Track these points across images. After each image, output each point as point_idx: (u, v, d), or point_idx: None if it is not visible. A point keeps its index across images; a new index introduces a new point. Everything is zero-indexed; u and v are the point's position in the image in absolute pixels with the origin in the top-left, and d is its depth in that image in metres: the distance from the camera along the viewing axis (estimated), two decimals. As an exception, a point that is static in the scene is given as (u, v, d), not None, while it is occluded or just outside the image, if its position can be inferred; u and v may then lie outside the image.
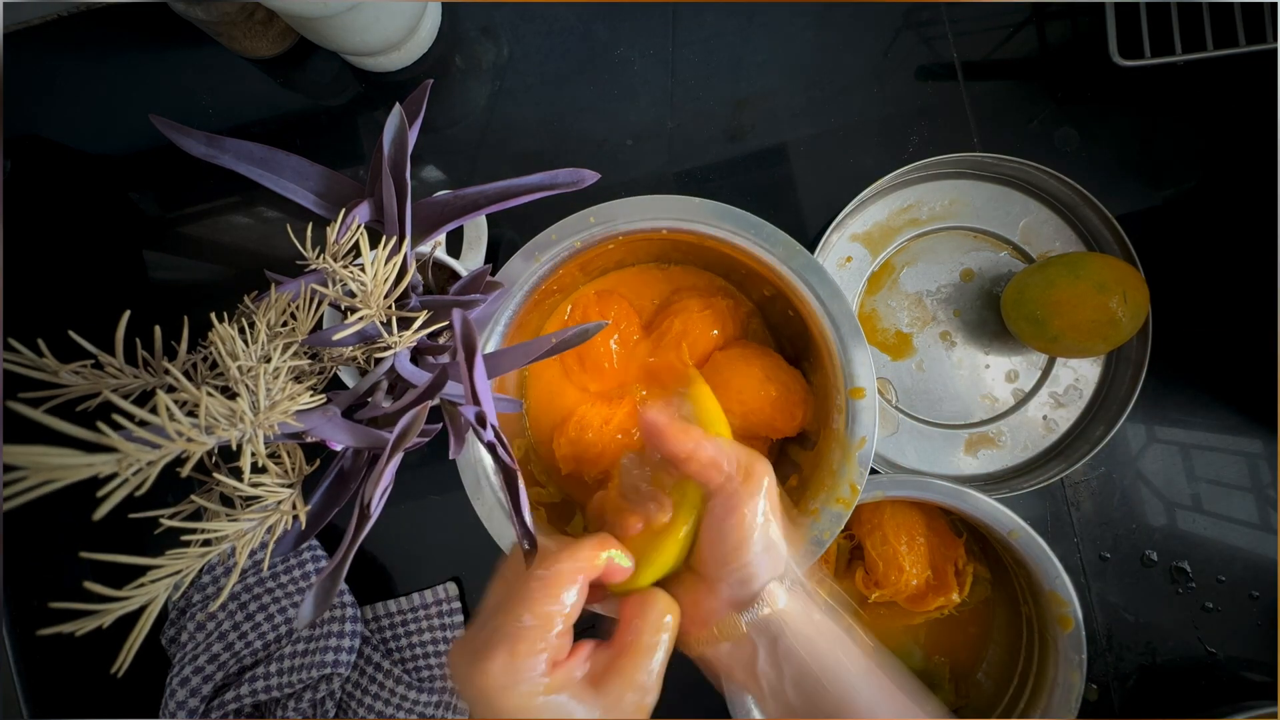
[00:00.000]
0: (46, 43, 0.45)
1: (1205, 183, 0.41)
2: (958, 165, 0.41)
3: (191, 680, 0.39)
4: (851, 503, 0.32)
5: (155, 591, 0.22)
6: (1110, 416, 0.40)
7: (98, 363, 0.24)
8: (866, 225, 0.43)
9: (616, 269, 0.41)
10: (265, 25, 0.41)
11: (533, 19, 0.44)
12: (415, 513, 0.43)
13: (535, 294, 0.35)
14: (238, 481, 0.23)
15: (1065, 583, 0.36)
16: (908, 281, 0.42)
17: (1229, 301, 0.39)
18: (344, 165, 0.44)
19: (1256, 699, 0.39)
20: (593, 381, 0.39)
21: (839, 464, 0.32)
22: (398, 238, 0.28)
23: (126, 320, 0.23)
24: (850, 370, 0.32)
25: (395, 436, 0.26)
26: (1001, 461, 0.42)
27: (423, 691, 0.40)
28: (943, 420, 0.42)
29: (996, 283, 0.42)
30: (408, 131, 0.28)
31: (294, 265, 0.28)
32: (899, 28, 0.43)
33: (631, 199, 0.33)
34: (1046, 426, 0.42)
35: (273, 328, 0.26)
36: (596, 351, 0.38)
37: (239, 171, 0.29)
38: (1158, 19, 0.39)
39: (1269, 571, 0.40)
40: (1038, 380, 0.42)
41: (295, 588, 0.41)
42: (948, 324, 0.42)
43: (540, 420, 0.40)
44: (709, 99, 0.43)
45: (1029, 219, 0.42)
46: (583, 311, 0.39)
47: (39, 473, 0.18)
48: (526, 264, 0.33)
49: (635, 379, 0.39)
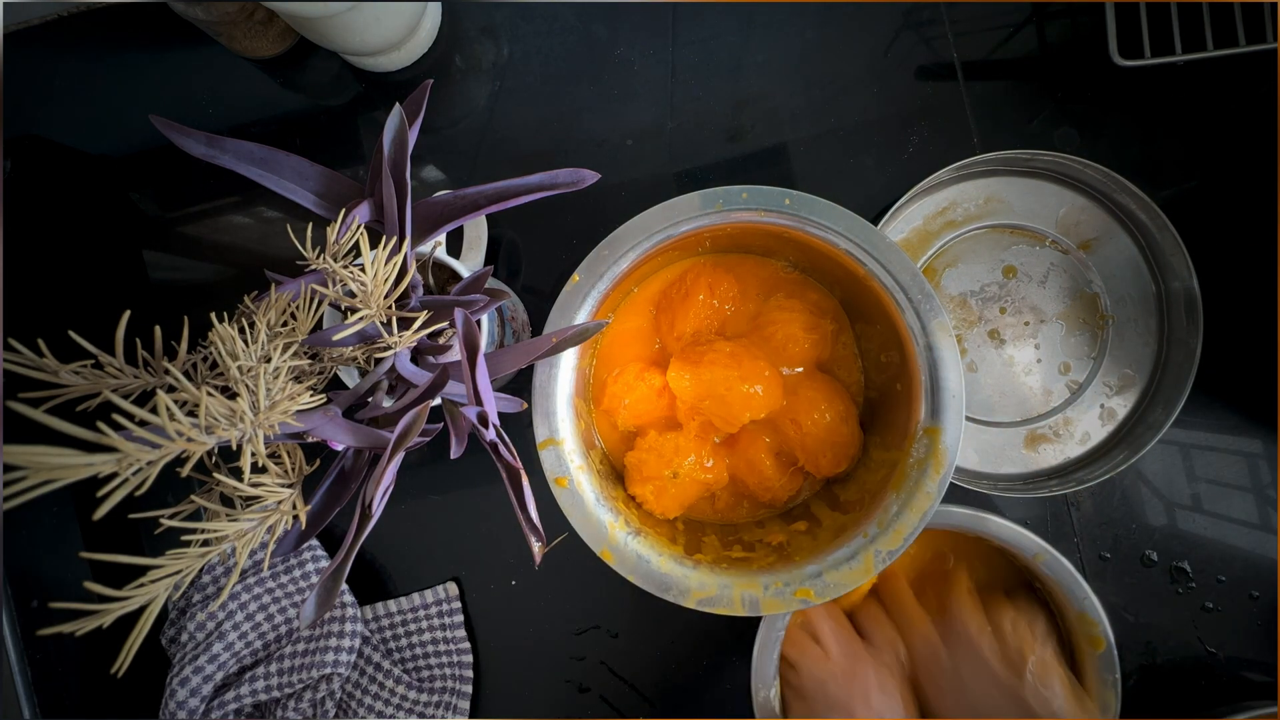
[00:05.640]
0: (46, 43, 0.45)
1: (1205, 183, 0.41)
2: (989, 164, 0.41)
3: (191, 680, 0.39)
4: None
5: (155, 591, 0.22)
6: (1169, 399, 0.39)
7: (98, 363, 0.24)
8: (904, 231, 0.42)
9: (738, 250, 0.40)
10: (265, 25, 0.41)
11: (533, 19, 0.44)
12: (415, 513, 0.43)
13: (664, 245, 0.35)
14: (238, 481, 0.23)
15: (1095, 603, 0.36)
16: (950, 284, 0.42)
17: (1229, 301, 0.39)
18: (344, 165, 0.44)
19: (1256, 699, 0.39)
20: (677, 326, 0.39)
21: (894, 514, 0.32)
22: (398, 238, 0.28)
23: (126, 320, 0.23)
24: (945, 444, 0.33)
25: (396, 436, 0.26)
26: (1064, 454, 0.42)
27: (423, 691, 0.40)
28: (1000, 419, 0.42)
29: (1040, 277, 0.42)
30: (408, 131, 0.28)
31: (294, 265, 0.28)
32: (899, 28, 0.43)
33: (826, 202, 0.33)
34: (1105, 415, 0.42)
35: (273, 328, 0.26)
36: (696, 305, 0.38)
37: (239, 171, 0.29)
38: (1158, 19, 0.39)
39: (1269, 571, 0.40)
40: (1091, 370, 0.42)
41: (295, 588, 0.41)
42: (995, 322, 0.42)
43: (606, 356, 0.40)
44: (709, 99, 0.43)
45: (1066, 210, 0.42)
46: (695, 276, 0.39)
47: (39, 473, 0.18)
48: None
49: (713, 359, 0.38)
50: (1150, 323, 0.41)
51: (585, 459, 0.35)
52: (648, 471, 0.36)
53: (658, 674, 0.42)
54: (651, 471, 0.36)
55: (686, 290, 0.38)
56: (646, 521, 0.36)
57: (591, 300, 0.34)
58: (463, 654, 0.41)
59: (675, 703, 0.42)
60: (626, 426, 0.38)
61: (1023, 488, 0.40)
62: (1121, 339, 0.42)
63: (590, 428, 0.38)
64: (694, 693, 0.42)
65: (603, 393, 0.38)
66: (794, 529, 0.37)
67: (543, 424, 0.34)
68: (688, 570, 0.33)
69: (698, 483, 0.37)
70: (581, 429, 0.36)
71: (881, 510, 0.33)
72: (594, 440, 0.38)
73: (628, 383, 0.37)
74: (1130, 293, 0.42)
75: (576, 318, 0.34)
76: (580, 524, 0.33)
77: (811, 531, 0.36)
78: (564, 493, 0.33)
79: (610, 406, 0.38)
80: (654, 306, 0.40)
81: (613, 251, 0.34)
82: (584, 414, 0.37)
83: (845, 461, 0.37)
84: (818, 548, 0.33)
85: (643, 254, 0.34)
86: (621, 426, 0.38)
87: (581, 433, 0.35)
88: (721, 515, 0.39)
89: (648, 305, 0.40)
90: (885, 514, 0.32)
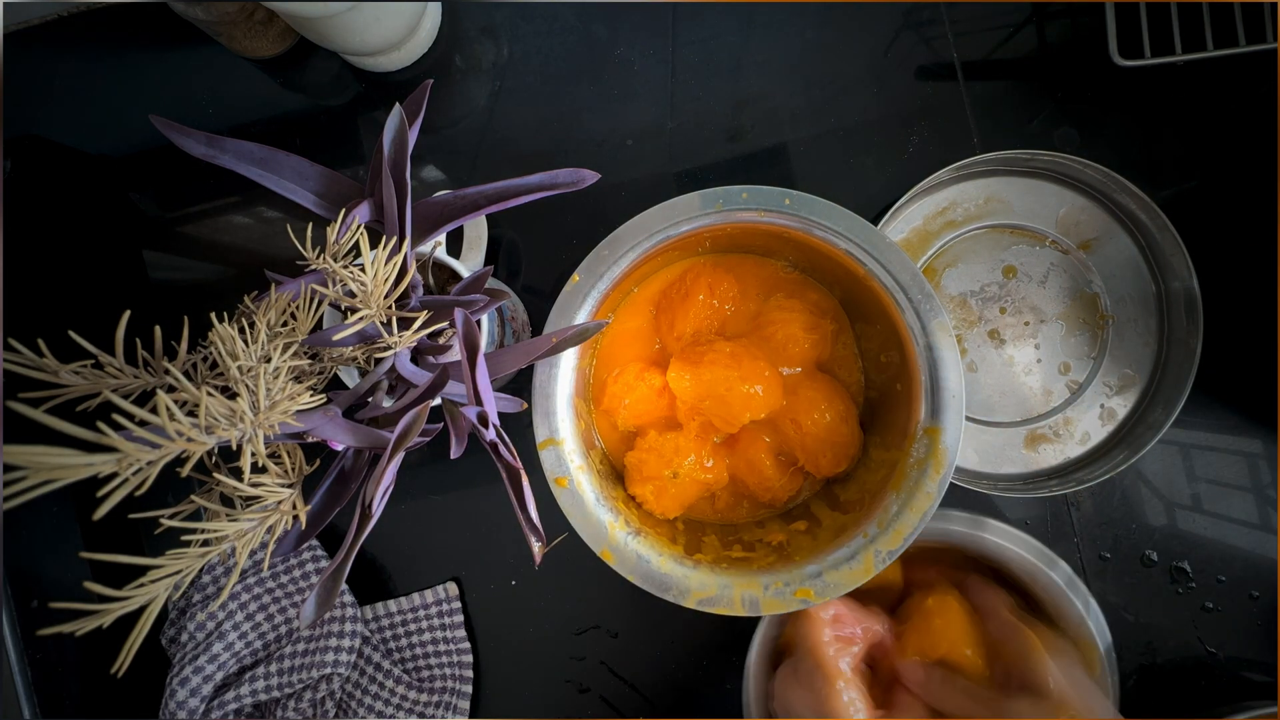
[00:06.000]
0: (46, 43, 0.45)
1: (1205, 183, 0.41)
2: (989, 164, 0.41)
3: (191, 680, 0.39)
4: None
5: (155, 591, 0.22)
6: (1169, 399, 0.39)
7: (98, 363, 0.24)
8: (904, 231, 0.42)
9: (738, 250, 0.40)
10: (265, 25, 0.41)
11: (533, 19, 0.44)
12: (415, 513, 0.43)
13: (664, 245, 0.35)
14: (238, 481, 0.23)
15: (1090, 628, 0.36)
16: (950, 283, 0.42)
17: (1229, 301, 0.39)
18: (344, 165, 0.44)
19: (1256, 699, 0.39)
20: (676, 326, 0.39)
21: (894, 515, 0.33)
22: (398, 238, 0.28)
23: (126, 320, 0.23)
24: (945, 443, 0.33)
25: (396, 436, 0.26)
26: (1064, 454, 0.42)
27: (423, 691, 0.40)
28: (1000, 419, 0.42)
29: (1040, 277, 0.42)
30: (408, 131, 0.28)
31: (294, 265, 0.28)
32: (899, 28, 0.43)
33: (826, 201, 0.33)
34: (1105, 415, 0.42)
35: (273, 328, 0.26)
36: (696, 305, 0.38)
37: (239, 171, 0.29)
38: (1158, 19, 0.39)
39: (1269, 571, 0.40)
40: (1091, 370, 0.42)
41: (295, 588, 0.41)
42: (995, 322, 0.42)
43: (606, 356, 0.40)
44: (709, 99, 0.43)
45: (1066, 210, 0.42)
46: (695, 276, 0.39)
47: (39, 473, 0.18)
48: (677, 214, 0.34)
49: (713, 359, 0.37)
50: (1150, 323, 0.41)
51: (585, 459, 0.35)
52: (648, 471, 0.36)
53: (658, 674, 0.42)
54: (651, 471, 0.36)
55: (686, 290, 0.38)
56: (646, 521, 0.36)
57: (591, 300, 0.34)
58: (463, 654, 0.41)
59: (675, 703, 0.42)
60: (626, 426, 0.38)
61: (1023, 488, 0.40)
62: (1121, 339, 0.42)
63: (590, 428, 0.38)
64: (694, 693, 0.42)
65: (603, 393, 0.38)
66: (794, 529, 0.37)
67: (543, 424, 0.34)
68: (688, 570, 0.33)
69: (698, 483, 0.37)
70: (581, 429, 0.36)
71: (881, 510, 0.33)
72: (594, 440, 0.38)
73: (628, 383, 0.37)
74: (1130, 293, 0.42)
75: (576, 318, 0.34)
76: (580, 524, 0.33)
77: (811, 531, 0.36)
78: (564, 493, 0.33)
79: (610, 406, 0.38)
80: (654, 306, 0.40)
81: (613, 251, 0.34)
82: (584, 414, 0.37)
83: (845, 461, 0.37)
84: (818, 548, 0.33)
85: (643, 254, 0.34)
86: (621, 426, 0.38)
87: (581, 433, 0.35)
88: (721, 515, 0.39)
89: (648, 305, 0.40)
90: (885, 514, 0.32)
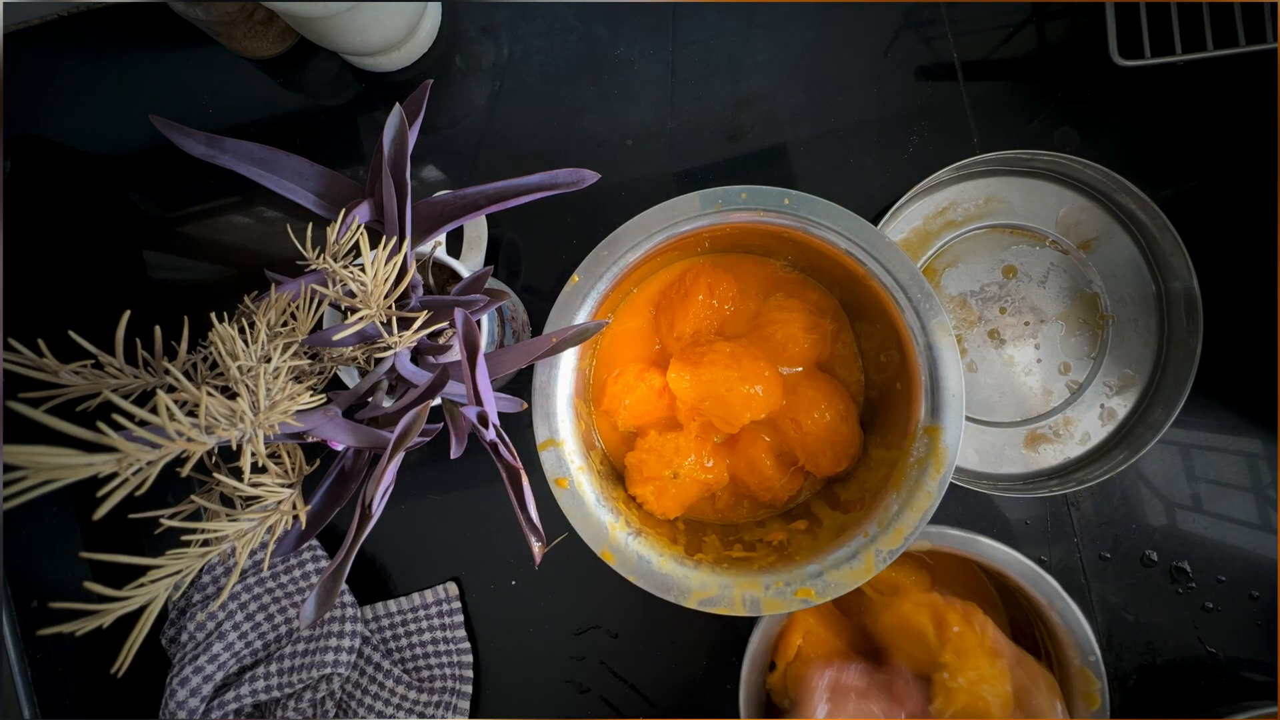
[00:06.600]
0: (46, 43, 0.45)
1: (1205, 183, 0.41)
2: (989, 164, 0.41)
3: (191, 680, 0.39)
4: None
5: (155, 591, 0.22)
6: (1169, 399, 0.39)
7: (98, 363, 0.24)
8: (904, 231, 0.42)
9: (737, 250, 0.40)
10: (265, 25, 0.41)
11: (533, 19, 0.44)
12: (415, 513, 0.43)
13: (664, 245, 0.35)
14: (238, 481, 0.23)
15: (1099, 662, 0.35)
16: (950, 284, 0.42)
17: (1229, 301, 0.39)
18: (344, 165, 0.44)
19: (1256, 699, 0.39)
20: (676, 327, 0.39)
21: (895, 514, 0.32)
22: (398, 238, 0.28)
23: (126, 320, 0.23)
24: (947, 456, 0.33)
25: (396, 436, 0.26)
26: (1064, 454, 0.42)
27: (423, 691, 0.40)
28: (1000, 419, 0.42)
29: (1040, 277, 0.42)
30: (408, 131, 0.28)
31: (294, 265, 0.28)
32: (899, 28, 0.43)
33: (826, 201, 0.33)
34: (1105, 415, 0.42)
35: (273, 328, 0.26)
36: (695, 305, 0.38)
37: (239, 171, 0.29)
38: (1158, 19, 0.39)
39: (1269, 571, 0.40)
40: (1091, 370, 0.42)
41: (295, 588, 0.41)
42: (995, 322, 0.42)
43: (606, 356, 0.40)
44: (709, 99, 0.43)
45: (1066, 210, 0.42)
46: (694, 276, 0.39)
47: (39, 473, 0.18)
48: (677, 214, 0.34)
49: (714, 359, 0.37)
50: (1150, 323, 0.41)
51: (585, 459, 0.35)
52: (648, 472, 0.36)
53: (658, 674, 0.42)
54: (652, 472, 0.36)
55: (686, 290, 0.38)
56: (647, 522, 0.36)
57: (591, 300, 0.34)
58: (463, 654, 0.41)
59: (675, 703, 0.42)
60: (627, 427, 0.38)
61: (1023, 488, 0.40)
62: (1121, 339, 0.42)
63: (590, 428, 0.38)
64: (694, 693, 0.42)
65: (603, 393, 0.38)
66: (794, 528, 0.37)
67: (543, 424, 0.34)
68: (688, 570, 0.33)
69: (698, 483, 0.37)
70: (582, 429, 0.36)
71: (882, 509, 0.33)
72: (594, 441, 0.38)
73: (628, 383, 0.37)
74: (1130, 293, 0.42)
75: (576, 318, 0.34)
76: (581, 524, 0.33)
77: (812, 531, 0.36)
78: (564, 493, 0.33)
79: (610, 407, 0.38)
80: (654, 307, 0.40)
81: (612, 252, 0.34)
82: (584, 414, 0.37)
83: (845, 461, 0.37)
84: (818, 547, 0.33)
85: (642, 254, 0.34)
86: (622, 427, 0.38)
87: (582, 433, 0.35)
88: (722, 515, 0.39)
89: (647, 306, 0.40)
90: (886, 513, 0.32)
